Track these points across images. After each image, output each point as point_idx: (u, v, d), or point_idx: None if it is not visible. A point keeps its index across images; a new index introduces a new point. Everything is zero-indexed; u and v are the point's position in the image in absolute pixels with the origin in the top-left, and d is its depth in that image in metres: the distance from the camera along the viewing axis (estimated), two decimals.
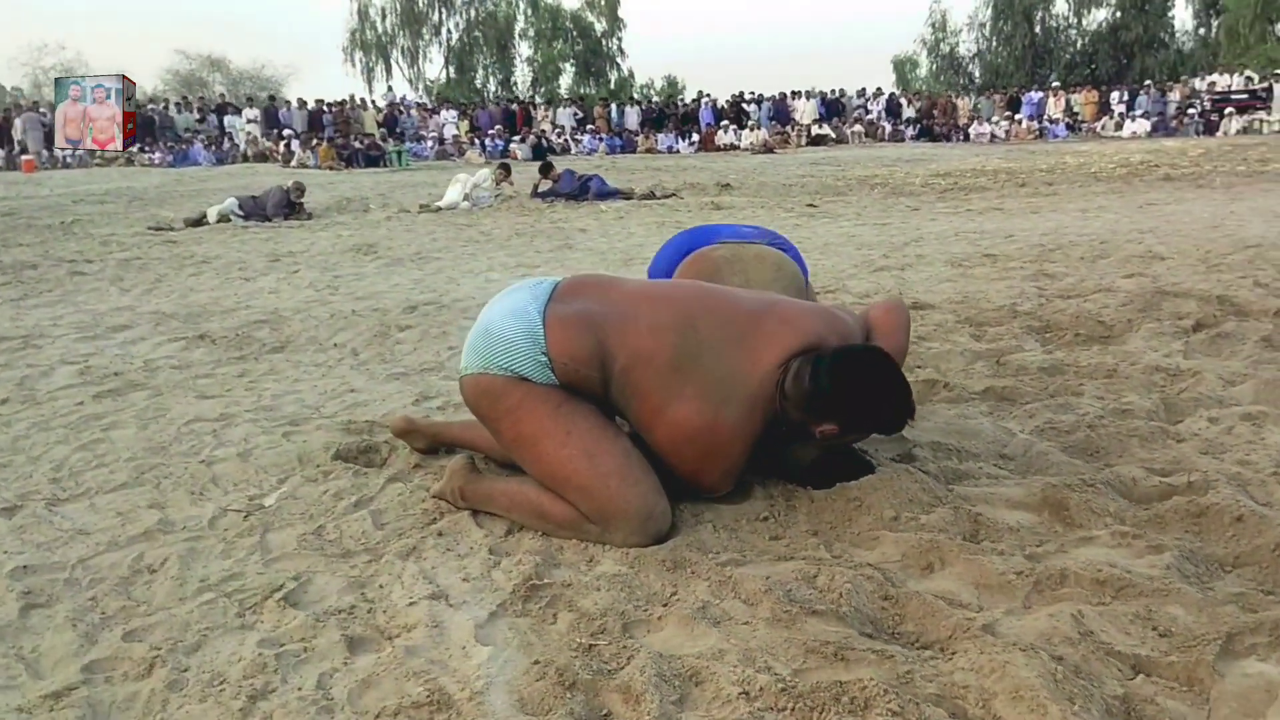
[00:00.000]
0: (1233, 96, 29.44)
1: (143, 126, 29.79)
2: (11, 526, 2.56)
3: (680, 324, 2.40)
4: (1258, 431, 2.82)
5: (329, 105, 29.62)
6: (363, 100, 31.68)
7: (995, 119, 31.31)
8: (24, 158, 25.66)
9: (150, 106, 32.25)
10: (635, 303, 2.47)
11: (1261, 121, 27.62)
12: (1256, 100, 29.02)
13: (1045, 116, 31.54)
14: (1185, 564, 2.08)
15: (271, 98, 33.44)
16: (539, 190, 12.95)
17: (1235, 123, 27.24)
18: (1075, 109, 31.83)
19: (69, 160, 27.11)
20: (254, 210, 11.31)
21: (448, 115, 31.46)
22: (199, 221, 11.27)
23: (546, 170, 13.07)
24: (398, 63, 45.69)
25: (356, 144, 26.04)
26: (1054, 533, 2.30)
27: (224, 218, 11.28)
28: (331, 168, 23.28)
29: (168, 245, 9.28)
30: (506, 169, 13.44)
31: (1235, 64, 35.06)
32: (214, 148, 27.66)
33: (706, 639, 1.88)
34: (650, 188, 13.40)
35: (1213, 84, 31.75)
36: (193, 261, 8.01)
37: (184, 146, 27.60)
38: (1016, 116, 31.27)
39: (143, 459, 3.05)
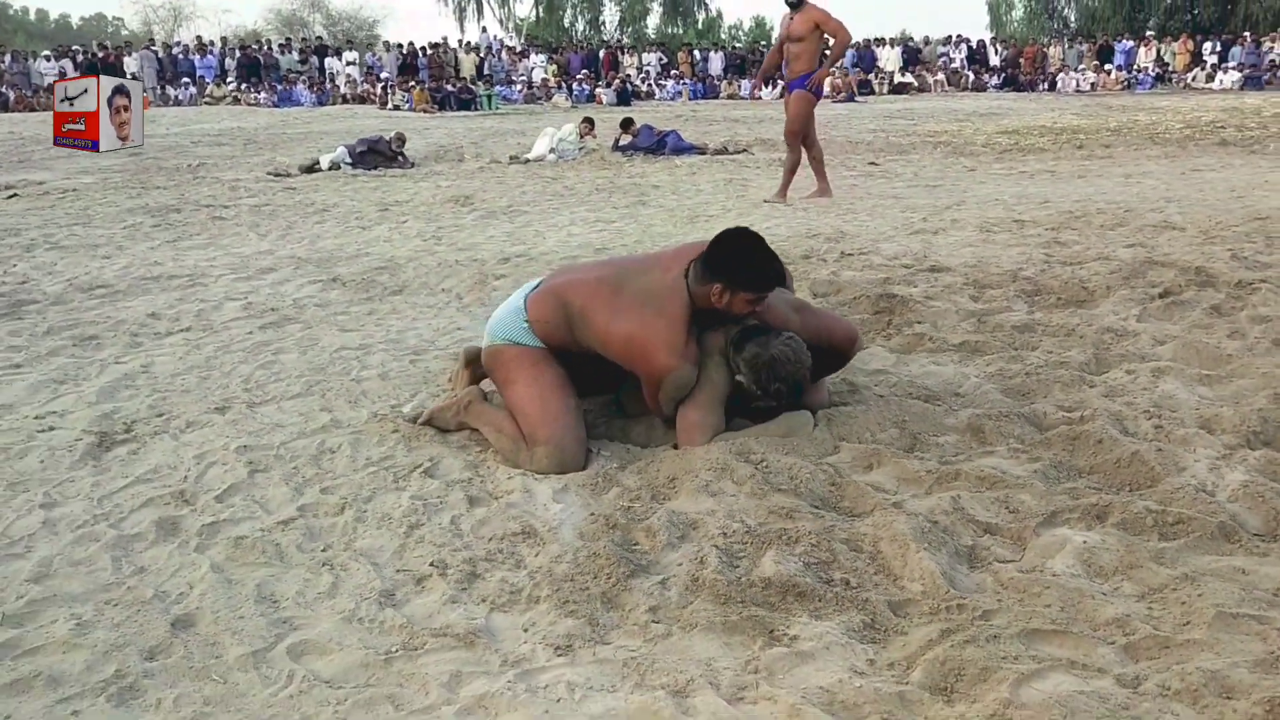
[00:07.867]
0: None
1: (249, 67, 31.36)
2: (226, 420, 3.60)
3: (610, 267, 3.50)
4: (1155, 381, 3.64)
5: (424, 48, 30.71)
6: (460, 41, 32.70)
7: (1083, 68, 31.10)
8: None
9: (254, 46, 33.73)
10: (581, 268, 3.62)
11: None
12: None
13: (1134, 66, 31.23)
14: (1051, 470, 2.95)
15: (369, 44, 34.72)
16: (619, 144, 13.87)
17: None
18: (1166, 59, 31.43)
19: (180, 99, 28.69)
20: (361, 161, 12.40)
21: (537, 59, 32.33)
22: (312, 168, 12.43)
23: (627, 125, 14.00)
24: (489, 1, 46.53)
25: (449, 87, 27.08)
26: (969, 448, 3.17)
27: (335, 165, 12.40)
28: (426, 110, 24.36)
29: (289, 192, 10.42)
30: (590, 123, 14.37)
31: None
32: (315, 89, 28.97)
33: (704, 504, 2.81)
34: (723, 143, 14.20)
35: None
36: (314, 209, 9.13)
37: (288, 87, 28.95)
38: (1106, 67, 31.02)
39: (309, 376, 4.08)
